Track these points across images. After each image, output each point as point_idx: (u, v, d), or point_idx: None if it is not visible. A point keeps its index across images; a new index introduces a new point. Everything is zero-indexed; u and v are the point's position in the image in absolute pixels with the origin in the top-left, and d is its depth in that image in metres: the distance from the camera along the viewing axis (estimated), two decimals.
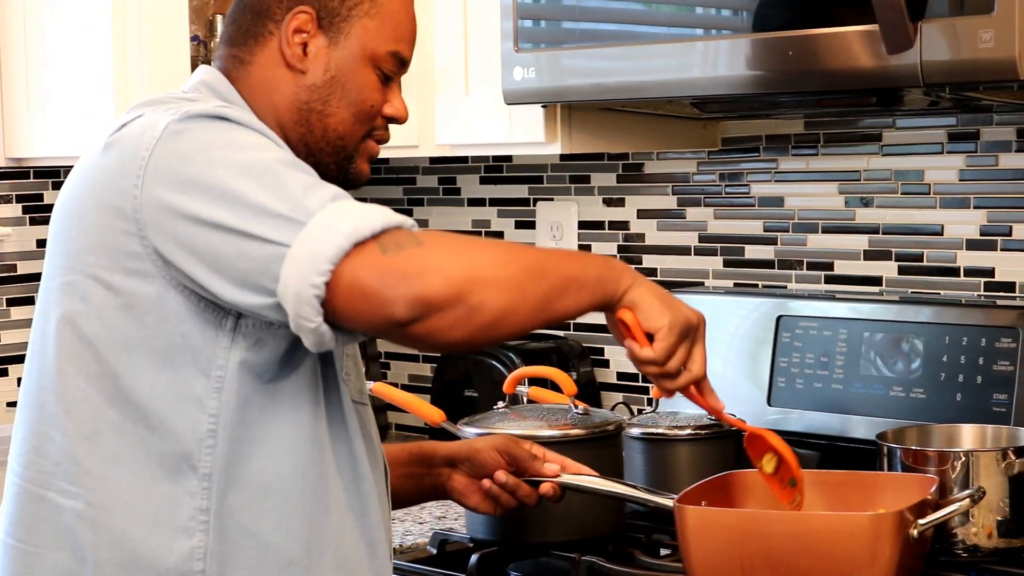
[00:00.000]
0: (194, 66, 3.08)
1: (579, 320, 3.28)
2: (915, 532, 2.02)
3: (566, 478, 2.27)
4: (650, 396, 3.02)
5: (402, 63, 2.03)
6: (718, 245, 3.10)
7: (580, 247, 3.30)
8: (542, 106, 2.79)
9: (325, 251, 1.74)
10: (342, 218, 1.76)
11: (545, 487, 2.26)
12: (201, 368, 1.85)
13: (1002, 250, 2.73)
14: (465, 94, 2.92)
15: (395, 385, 3.08)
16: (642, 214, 3.21)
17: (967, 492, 2.19)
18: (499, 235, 3.46)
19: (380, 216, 1.78)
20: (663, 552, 2.46)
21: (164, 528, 1.85)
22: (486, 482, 2.27)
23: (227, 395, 1.85)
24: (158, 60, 2.98)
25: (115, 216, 1.84)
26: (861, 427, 2.67)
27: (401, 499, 2.28)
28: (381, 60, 2.00)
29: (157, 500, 1.86)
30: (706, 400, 2.02)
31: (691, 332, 1.96)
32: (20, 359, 2.54)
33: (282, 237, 1.76)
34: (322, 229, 1.75)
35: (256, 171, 1.80)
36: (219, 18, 3.21)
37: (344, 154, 2.01)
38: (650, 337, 1.94)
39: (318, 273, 1.74)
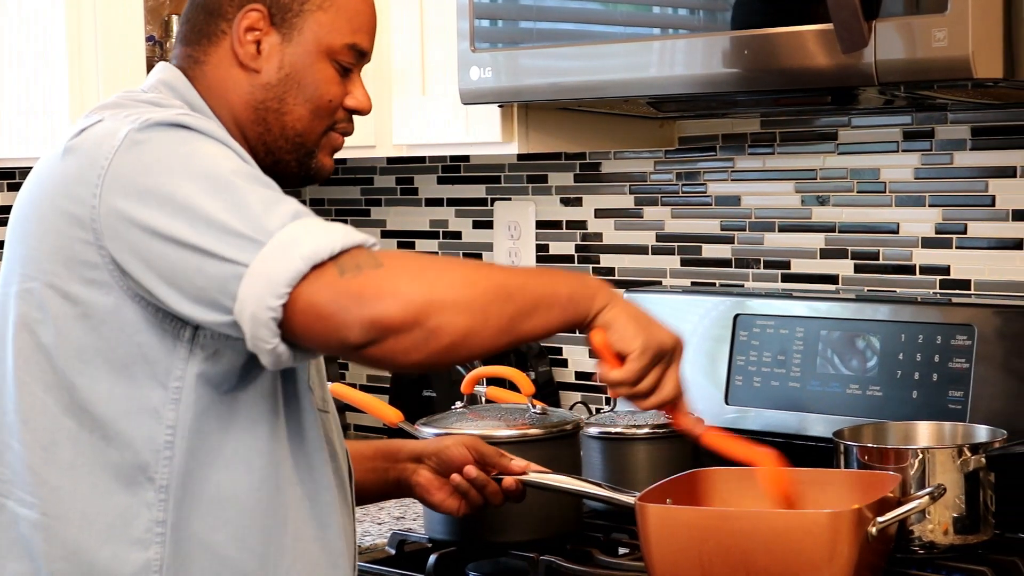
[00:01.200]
0: (149, 66, 3.07)
1: None
2: (874, 529, 2.02)
3: (532, 476, 2.27)
4: (608, 396, 3.02)
5: (361, 54, 2.00)
6: (675, 244, 3.10)
7: (538, 247, 3.30)
8: (499, 106, 2.79)
9: (283, 274, 1.72)
10: (301, 239, 1.74)
11: (508, 481, 2.25)
12: (159, 379, 1.83)
13: (957, 248, 2.74)
14: (422, 94, 2.92)
15: (353, 386, 3.07)
16: (600, 213, 3.22)
17: (927, 490, 2.20)
18: (457, 235, 3.46)
19: (340, 236, 1.75)
20: (621, 551, 2.47)
21: (119, 540, 1.84)
22: (455, 477, 2.26)
23: (184, 406, 1.83)
24: (113, 60, 2.96)
25: (72, 224, 1.82)
26: (818, 425, 2.68)
27: (364, 494, 2.27)
28: (338, 53, 1.98)
29: (113, 511, 1.84)
30: (679, 421, 2.00)
31: (665, 355, 1.92)
32: None
33: (240, 257, 1.73)
34: (281, 250, 1.73)
35: (216, 185, 1.78)
36: (175, 18, 3.20)
37: (304, 150, 1.99)
38: (622, 359, 1.91)
39: (275, 296, 1.72)
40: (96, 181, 1.81)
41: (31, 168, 1.95)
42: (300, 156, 1.98)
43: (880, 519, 2.04)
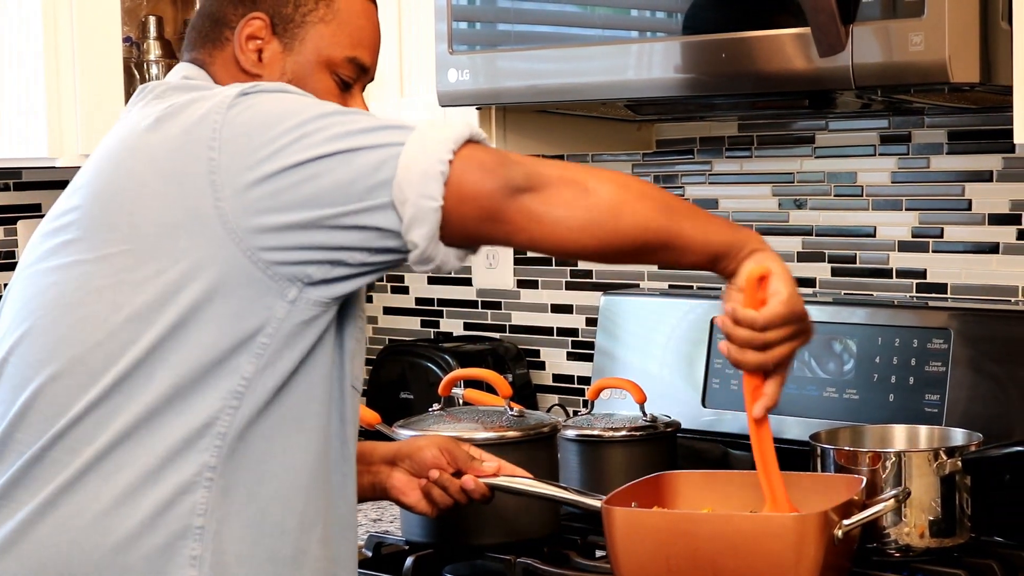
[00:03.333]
0: (126, 67, 3.07)
1: (515, 322, 3.29)
2: (840, 532, 2.03)
3: (500, 479, 2.27)
4: (585, 398, 3.02)
5: (362, 69, 2.03)
6: None
7: (516, 251, 3.30)
8: (477, 108, 2.79)
9: (448, 136, 1.78)
10: (453, 122, 1.82)
11: (467, 481, 2.25)
12: (249, 334, 1.82)
13: (934, 252, 2.75)
14: (400, 96, 2.92)
15: None
16: None
17: (892, 492, 2.21)
18: None
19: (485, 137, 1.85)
20: (598, 553, 2.47)
21: (167, 481, 1.83)
22: (423, 480, 2.27)
23: (264, 364, 1.84)
24: (90, 61, 2.96)
25: (183, 184, 1.81)
26: (795, 428, 2.69)
27: None
28: (338, 66, 2.00)
29: (164, 452, 1.83)
30: (755, 409, 1.98)
31: (803, 323, 1.91)
32: None
33: (394, 139, 1.79)
34: (435, 127, 1.80)
35: (341, 111, 1.83)
36: (152, 19, 3.20)
37: None
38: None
39: (447, 150, 1.77)
40: (212, 135, 1.81)
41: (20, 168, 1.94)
42: None
43: (846, 522, 2.05)
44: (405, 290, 3.53)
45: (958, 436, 2.41)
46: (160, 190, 1.83)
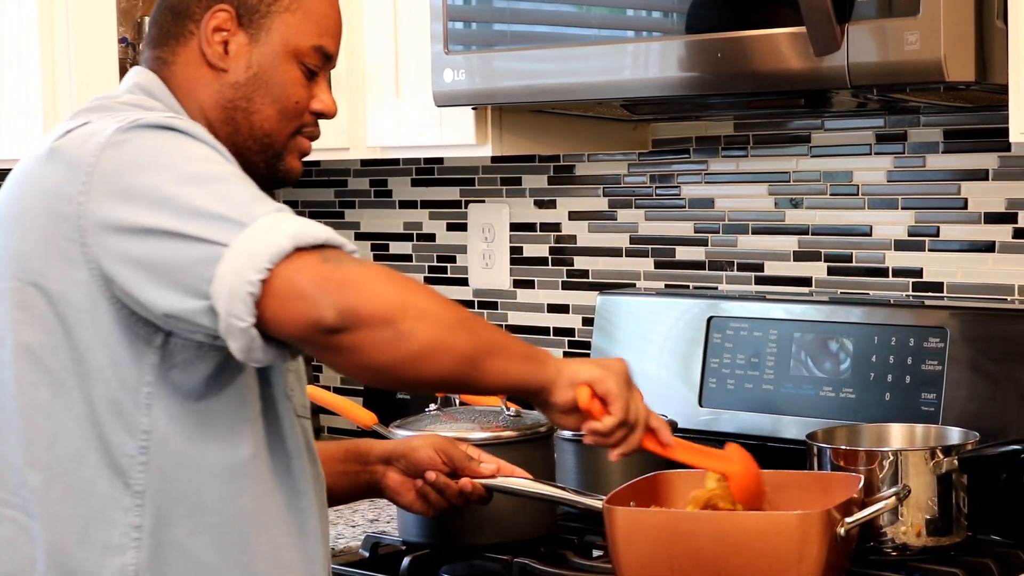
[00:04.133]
0: (122, 68, 3.07)
1: (512, 322, 3.29)
2: (842, 531, 2.03)
3: (499, 480, 2.27)
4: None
5: (327, 58, 2.01)
6: (649, 247, 3.11)
7: (512, 249, 3.30)
8: (472, 108, 2.79)
9: (265, 250, 1.72)
10: (286, 222, 1.75)
11: (464, 483, 2.25)
12: (129, 385, 1.83)
13: (930, 250, 2.75)
14: (396, 96, 2.92)
15: (327, 388, 3.07)
16: (573, 216, 3.22)
17: (892, 490, 2.21)
18: (431, 237, 3.46)
19: (324, 231, 1.76)
20: (595, 553, 2.47)
21: (95, 544, 1.83)
22: (419, 481, 2.27)
23: (157, 412, 1.83)
24: (86, 62, 2.96)
25: (58, 222, 1.82)
26: (792, 427, 2.69)
27: (335, 496, 2.27)
28: (304, 55, 1.98)
29: (88, 515, 1.84)
30: (664, 440, 2.03)
31: (629, 378, 1.96)
32: None
33: (221, 237, 1.73)
34: (264, 230, 1.73)
35: (201, 179, 1.79)
36: (147, 20, 3.19)
37: (272, 152, 1.99)
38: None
39: (255, 270, 1.71)
40: (83, 178, 1.80)
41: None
42: (268, 157, 1.99)
43: (848, 520, 2.05)
44: None
45: (955, 435, 2.41)
46: (41, 228, 1.83)
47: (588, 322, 3.16)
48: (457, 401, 2.62)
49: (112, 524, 1.83)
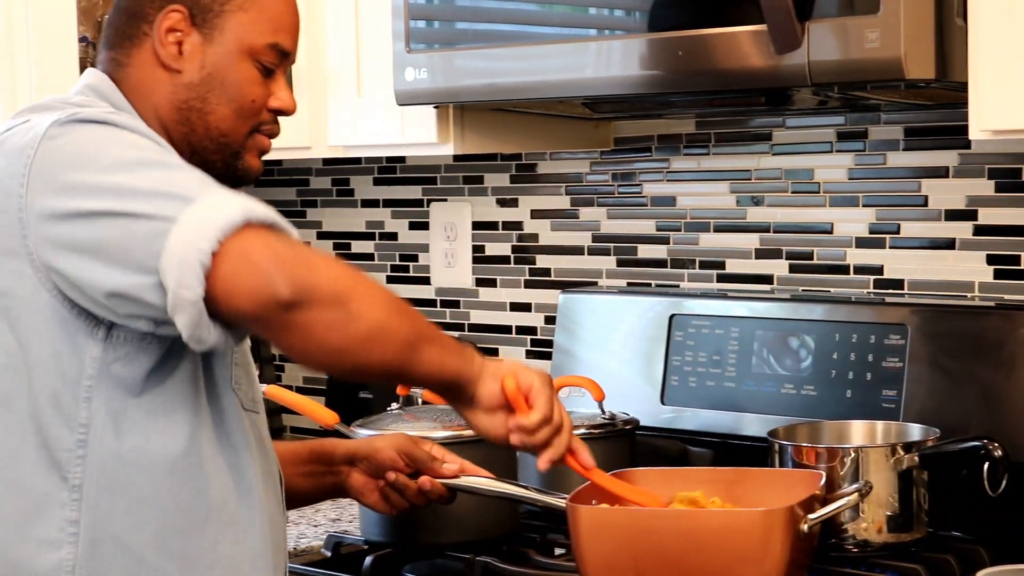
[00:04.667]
0: (83, 67, 3.05)
1: (474, 320, 3.29)
2: (805, 527, 2.04)
3: (462, 480, 2.27)
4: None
5: (283, 54, 2.00)
6: (611, 245, 3.11)
7: (474, 248, 3.30)
8: (434, 107, 2.79)
9: (217, 221, 1.71)
10: (234, 198, 1.74)
11: (423, 481, 2.24)
12: (69, 377, 1.82)
13: (891, 248, 2.76)
14: (357, 95, 2.91)
15: (289, 387, 3.06)
16: (536, 214, 3.22)
17: (855, 486, 2.22)
18: (393, 236, 3.45)
19: (273, 213, 1.77)
20: (557, 552, 2.47)
21: (31, 538, 1.82)
22: (382, 481, 2.26)
23: (96, 406, 1.82)
24: (46, 61, 2.94)
25: (0, 215, 1.81)
26: (753, 424, 2.69)
27: (300, 497, 2.27)
28: (260, 53, 1.97)
29: (25, 509, 1.83)
30: (584, 461, 2.05)
31: (551, 382, 1.98)
32: None
33: (169, 212, 1.72)
34: (213, 204, 1.73)
35: (143, 163, 1.78)
36: (106, 20, 3.18)
37: (230, 151, 1.98)
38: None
39: (207, 239, 1.70)
40: (22, 172, 1.80)
41: None
42: (226, 157, 1.98)
43: (811, 516, 2.06)
44: None
45: (915, 432, 2.42)
46: None
47: (551, 320, 3.16)
48: (420, 400, 2.62)
49: (49, 519, 1.82)
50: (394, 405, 2.57)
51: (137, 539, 1.84)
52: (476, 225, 3.31)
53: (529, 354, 3.23)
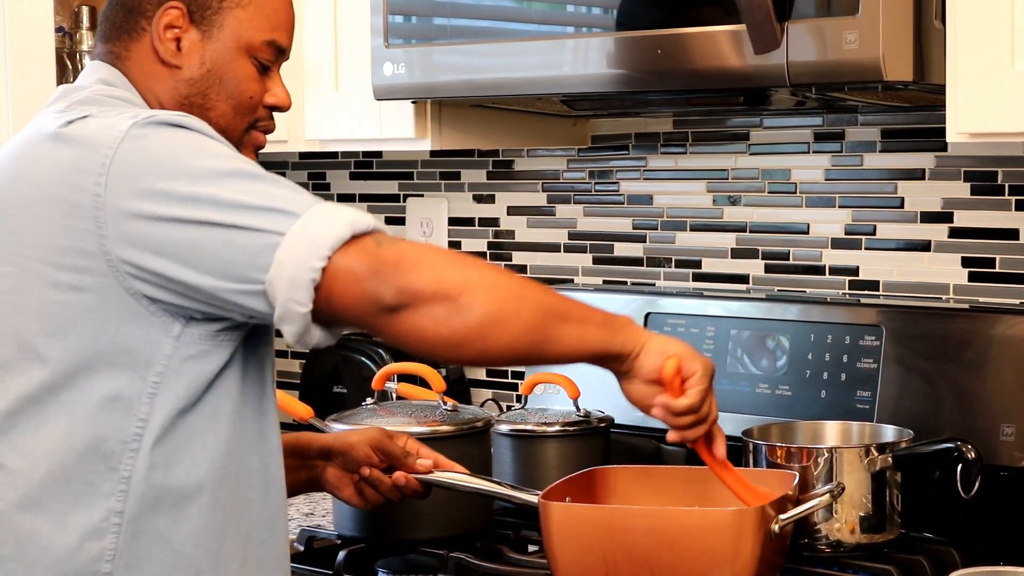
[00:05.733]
0: (59, 57, 3.05)
1: None
2: (776, 527, 2.04)
3: (436, 475, 2.27)
4: (519, 393, 3.02)
5: (280, 51, 2.02)
6: (587, 242, 3.11)
7: (450, 244, 3.30)
8: (412, 102, 2.79)
9: (326, 238, 1.75)
10: (338, 211, 1.78)
11: (397, 476, 2.25)
12: (138, 372, 1.83)
13: (866, 249, 2.76)
14: (335, 89, 2.91)
15: None
16: (512, 211, 3.22)
17: (827, 487, 2.23)
18: None
19: (374, 219, 1.80)
20: (531, 548, 2.47)
21: (75, 528, 1.82)
22: (356, 476, 2.26)
23: (160, 402, 1.83)
24: (22, 50, 2.93)
25: (68, 213, 1.81)
26: (727, 424, 2.66)
27: None
28: (257, 50, 1.99)
29: (69, 499, 1.83)
30: (716, 452, 2.05)
31: (712, 376, 1.99)
32: None
33: (276, 227, 1.76)
34: (320, 218, 1.76)
35: (235, 175, 1.80)
36: (85, 9, 3.17)
37: None
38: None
39: (318, 258, 1.74)
40: (99, 171, 1.80)
41: None
42: None
43: (783, 517, 2.06)
44: None
45: (889, 432, 2.43)
46: (46, 215, 1.83)
47: None
48: (394, 395, 2.62)
49: (93, 508, 1.83)
50: (368, 400, 2.57)
51: (177, 533, 1.85)
52: (452, 221, 3.30)
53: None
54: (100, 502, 1.83)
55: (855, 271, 2.78)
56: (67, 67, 3.14)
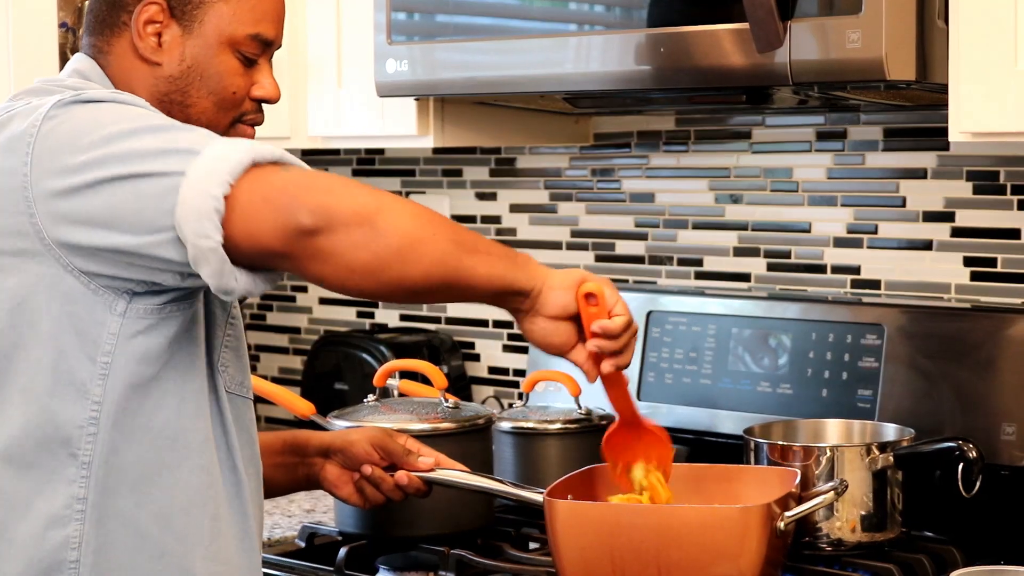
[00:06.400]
0: (62, 52, 3.04)
1: (451, 313, 3.28)
2: (781, 525, 2.04)
3: (438, 473, 2.27)
4: (520, 391, 3.03)
5: (266, 44, 1.98)
6: (589, 240, 3.11)
7: None
8: (415, 99, 2.79)
9: (224, 167, 1.71)
10: (239, 143, 1.75)
11: (400, 476, 2.24)
12: (87, 353, 1.81)
13: (868, 248, 2.76)
14: (338, 86, 2.91)
15: (265, 378, 3.05)
16: (514, 208, 3.22)
17: (830, 484, 2.23)
18: None
19: (279, 150, 1.77)
20: (532, 545, 2.47)
21: (37, 517, 1.82)
22: (356, 474, 2.26)
23: (112, 383, 1.82)
24: (25, 46, 2.93)
25: (7, 195, 1.80)
26: (729, 422, 2.70)
27: (273, 488, 2.26)
28: (241, 44, 1.95)
29: (31, 487, 1.82)
30: (624, 389, 2.02)
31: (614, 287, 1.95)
32: None
33: (176, 167, 1.72)
34: (217, 153, 1.73)
35: (145, 130, 1.78)
36: (88, 5, 3.17)
37: None
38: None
39: (218, 183, 1.70)
40: (25, 149, 1.79)
41: None
42: None
43: (788, 514, 2.06)
44: None
45: (890, 431, 2.43)
46: None
47: None
48: (395, 392, 2.62)
49: (56, 496, 1.82)
50: (370, 397, 2.57)
51: (142, 516, 1.85)
52: (455, 218, 3.30)
53: (506, 348, 3.23)
54: (62, 488, 1.82)
55: (857, 270, 2.78)
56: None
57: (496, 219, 3.24)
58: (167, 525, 1.86)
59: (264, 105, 2.01)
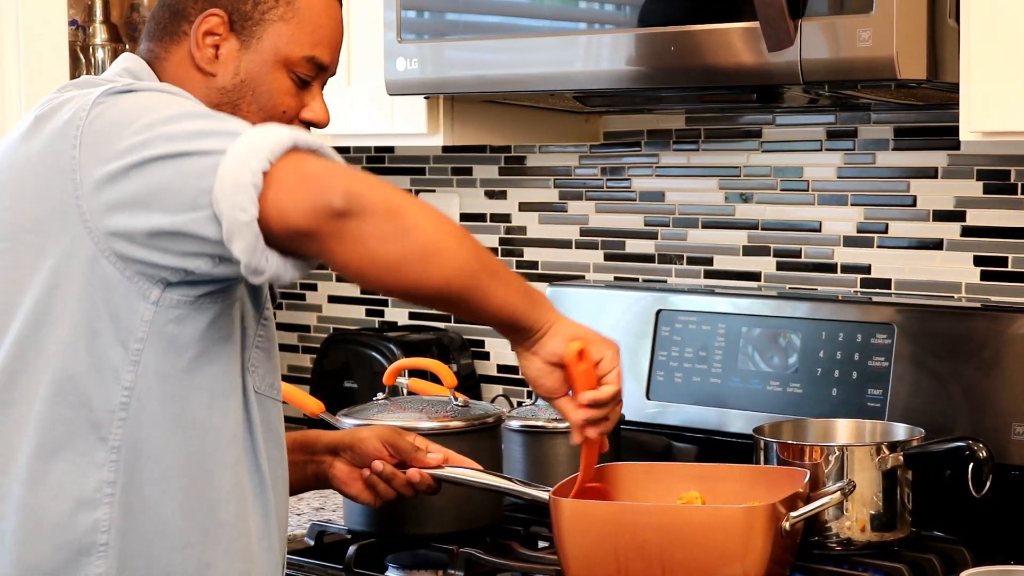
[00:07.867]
0: (72, 50, 3.05)
1: None
2: (787, 525, 2.04)
3: (447, 471, 2.27)
4: (530, 389, 3.03)
5: (320, 68, 2.00)
6: (599, 239, 3.11)
7: None
8: (424, 97, 2.79)
9: (266, 144, 1.72)
10: (283, 127, 1.76)
11: (412, 473, 2.25)
12: (120, 338, 1.82)
13: (878, 247, 2.76)
14: (347, 84, 2.91)
15: None
16: (524, 207, 3.22)
17: (837, 485, 2.23)
18: None
19: (321, 141, 1.78)
20: (541, 544, 2.47)
21: (68, 499, 1.83)
22: (366, 471, 2.26)
23: (143, 369, 1.83)
24: (35, 44, 2.93)
25: (53, 178, 1.81)
26: (738, 421, 2.70)
27: None
28: (295, 65, 1.98)
29: (62, 470, 1.83)
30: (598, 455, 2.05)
31: (619, 354, 1.96)
32: None
33: (219, 146, 1.74)
34: (263, 132, 1.74)
35: (189, 115, 1.80)
36: (98, 3, 3.18)
37: None
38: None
39: (257, 159, 1.71)
40: (75, 133, 1.81)
41: None
42: None
43: (793, 514, 2.06)
44: None
45: (900, 431, 2.43)
46: (34, 187, 1.83)
47: None
48: (405, 391, 2.62)
49: (87, 479, 1.83)
50: (379, 395, 2.57)
51: (168, 506, 1.85)
52: (464, 217, 3.30)
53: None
54: (92, 472, 1.83)
55: (867, 269, 2.78)
56: (80, 60, 3.15)
57: (506, 217, 3.24)
58: (191, 517, 1.86)
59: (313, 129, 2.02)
